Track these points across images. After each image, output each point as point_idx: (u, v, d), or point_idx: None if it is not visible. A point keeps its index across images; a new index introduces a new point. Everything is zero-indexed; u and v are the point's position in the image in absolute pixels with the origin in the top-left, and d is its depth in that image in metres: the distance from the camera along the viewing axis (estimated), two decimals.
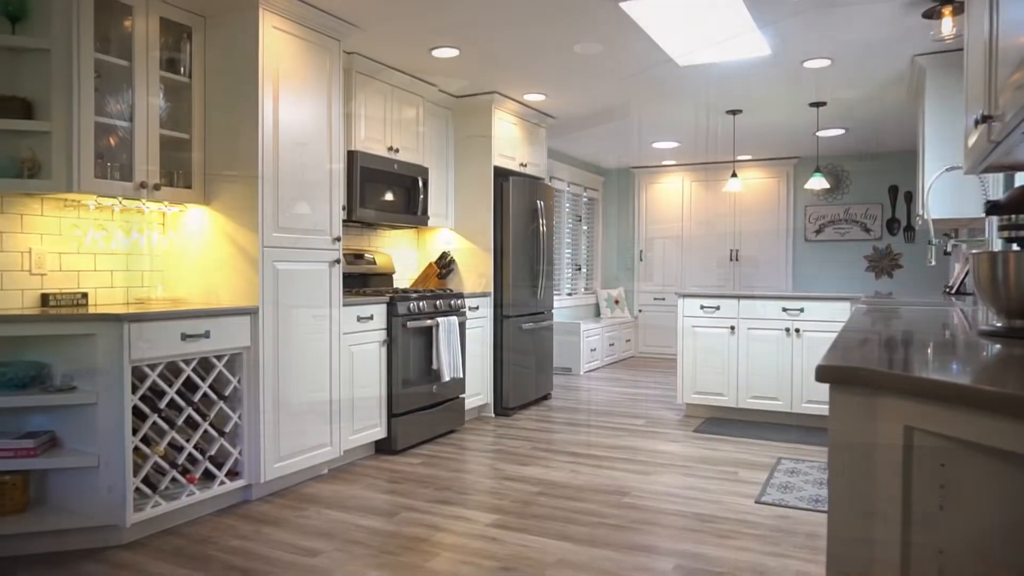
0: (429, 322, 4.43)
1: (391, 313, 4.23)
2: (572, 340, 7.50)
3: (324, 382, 3.73)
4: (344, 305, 3.89)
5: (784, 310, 4.96)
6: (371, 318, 4.10)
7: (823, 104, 5.54)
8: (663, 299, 8.93)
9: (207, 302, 3.48)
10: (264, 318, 3.37)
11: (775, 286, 8.30)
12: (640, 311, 9.07)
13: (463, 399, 4.91)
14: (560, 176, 8.03)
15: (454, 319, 4.62)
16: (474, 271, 5.38)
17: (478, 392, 5.21)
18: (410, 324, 4.28)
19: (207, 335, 3.11)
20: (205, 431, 3.20)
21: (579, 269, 8.62)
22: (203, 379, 3.20)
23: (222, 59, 3.45)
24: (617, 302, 8.89)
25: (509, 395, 5.35)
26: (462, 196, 5.41)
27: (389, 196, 4.61)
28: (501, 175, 5.52)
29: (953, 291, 4.71)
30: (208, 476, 3.25)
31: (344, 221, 4.40)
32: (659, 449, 4.39)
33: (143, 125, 3.16)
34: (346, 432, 3.93)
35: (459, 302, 4.81)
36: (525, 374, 5.56)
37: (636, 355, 9.05)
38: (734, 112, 5.85)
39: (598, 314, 9.12)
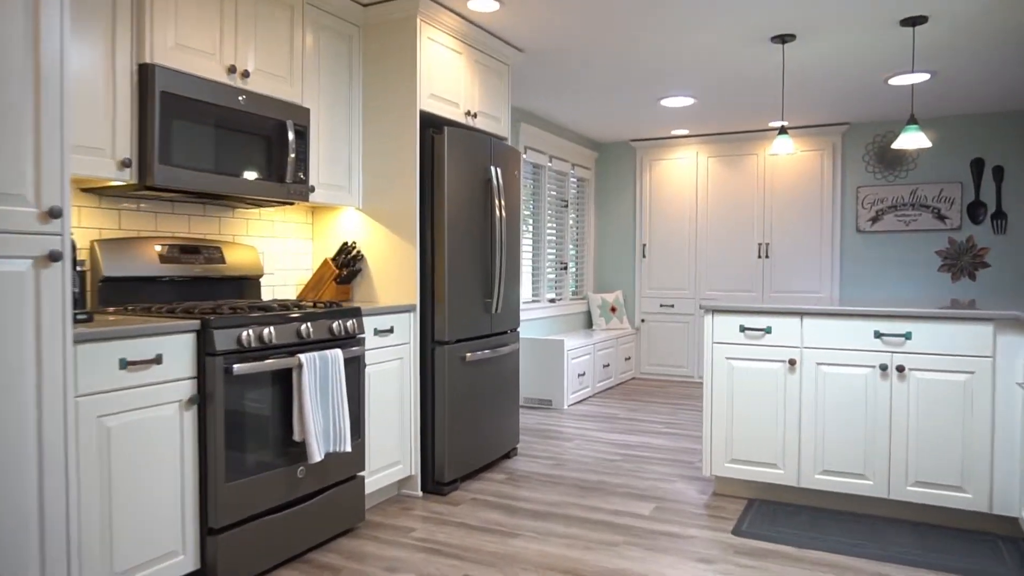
0: (283, 362, 2.57)
1: (204, 349, 2.37)
2: (554, 363, 5.64)
3: (24, 494, 1.87)
4: (79, 341, 2.03)
5: (878, 335, 3.10)
6: (156, 361, 2.23)
7: (922, 21, 3.68)
8: (671, 305, 7.07)
9: None
10: None
11: (815, 290, 6.44)
12: (643, 321, 7.21)
13: (361, 479, 3.05)
14: (539, 147, 6.16)
15: (336, 354, 2.76)
16: (392, 273, 3.52)
17: (394, 462, 3.35)
18: (241, 368, 2.42)
19: None
20: None
21: (565, 268, 6.76)
22: None
23: None
24: (614, 310, 7.03)
25: (444, 463, 3.49)
26: (374, 158, 3.54)
27: (230, 149, 2.75)
28: (433, 125, 3.67)
29: None
30: None
31: (135, 188, 2.54)
32: None
33: None
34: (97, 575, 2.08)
35: (349, 324, 2.94)
36: (472, 428, 3.69)
37: (637, 376, 7.19)
38: (783, 39, 3.98)
39: (590, 324, 7.25)
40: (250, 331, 2.47)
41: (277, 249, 3.54)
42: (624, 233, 7.31)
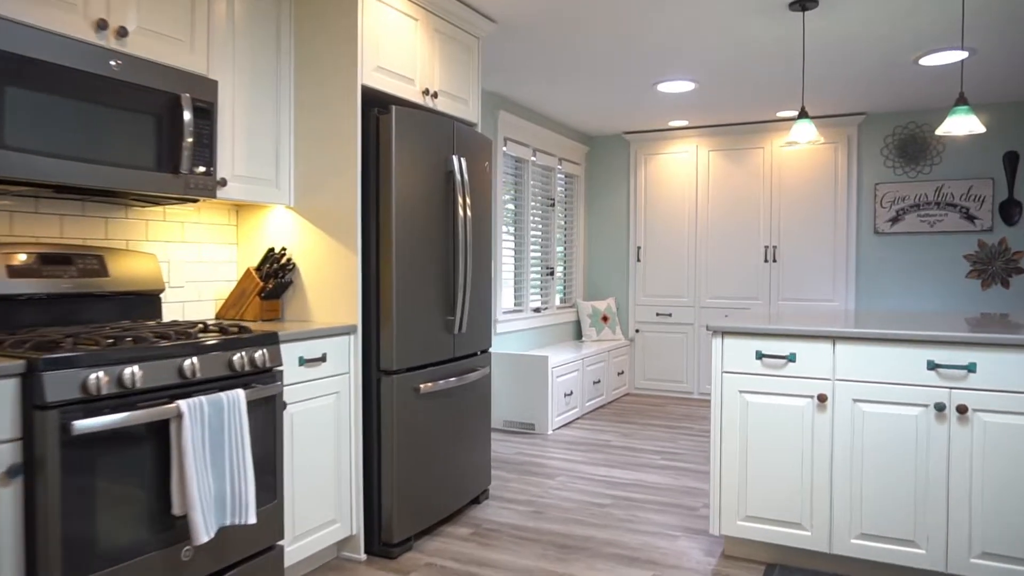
0: (153, 413, 1.91)
1: (31, 401, 1.72)
2: (537, 382, 5.00)
3: None
4: None
5: (933, 367, 2.47)
6: None
7: None
8: (668, 314, 6.43)
9: None
10: None
11: (828, 298, 5.81)
12: (637, 331, 6.57)
13: (280, 549, 2.40)
14: (521, 139, 5.52)
15: (235, 396, 2.11)
16: (329, 285, 2.87)
17: (328, 521, 2.70)
18: (86, 425, 1.76)
19: None
20: None
21: (551, 274, 6.12)
22: None
23: None
24: (606, 319, 6.39)
25: (393, 519, 2.84)
26: (308, 145, 2.89)
27: (98, 129, 2.10)
28: (381, 105, 3.02)
29: None
30: None
31: None
32: None
33: None
34: None
35: (259, 354, 2.29)
36: (429, 474, 3.05)
37: (631, 392, 6.55)
38: (804, 4, 3.35)
39: (579, 335, 6.61)
40: (101, 373, 1.81)
41: (188, 257, 2.88)
42: (617, 235, 6.67)
